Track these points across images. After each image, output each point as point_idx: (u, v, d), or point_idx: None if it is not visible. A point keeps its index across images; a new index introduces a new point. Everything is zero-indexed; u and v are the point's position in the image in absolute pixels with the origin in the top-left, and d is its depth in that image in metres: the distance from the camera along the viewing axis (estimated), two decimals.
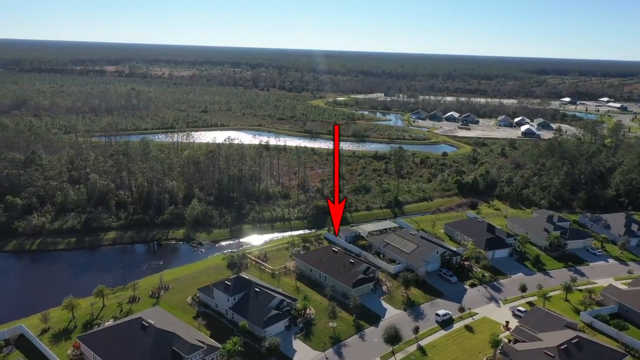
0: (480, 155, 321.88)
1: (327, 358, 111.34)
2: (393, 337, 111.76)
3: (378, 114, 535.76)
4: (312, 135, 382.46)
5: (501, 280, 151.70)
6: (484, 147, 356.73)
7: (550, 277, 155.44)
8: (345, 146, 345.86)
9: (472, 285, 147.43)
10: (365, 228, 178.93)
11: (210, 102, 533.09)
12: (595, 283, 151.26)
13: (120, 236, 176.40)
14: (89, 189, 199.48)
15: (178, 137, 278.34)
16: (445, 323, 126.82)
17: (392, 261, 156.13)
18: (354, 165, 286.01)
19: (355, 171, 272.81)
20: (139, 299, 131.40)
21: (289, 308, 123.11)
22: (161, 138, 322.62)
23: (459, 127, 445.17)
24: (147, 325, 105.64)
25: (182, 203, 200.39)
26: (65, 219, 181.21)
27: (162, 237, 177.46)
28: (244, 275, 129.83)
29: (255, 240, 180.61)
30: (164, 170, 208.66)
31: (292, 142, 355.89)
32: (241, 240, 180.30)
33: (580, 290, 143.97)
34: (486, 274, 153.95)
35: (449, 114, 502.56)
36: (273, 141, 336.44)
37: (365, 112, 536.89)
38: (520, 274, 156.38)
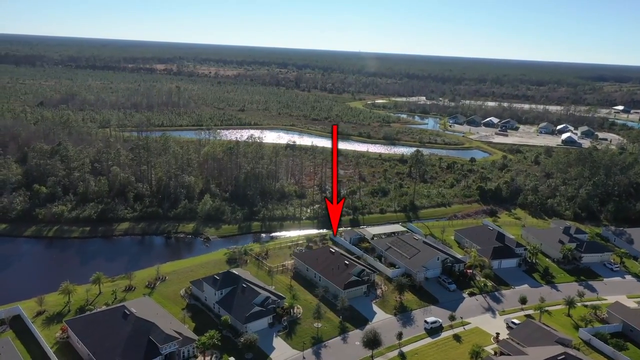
0: (512, 163, 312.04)
1: (304, 358, 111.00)
2: (372, 341, 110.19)
3: (416, 118, 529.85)
4: (342, 136, 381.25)
5: (503, 291, 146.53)
6: (518, 154, 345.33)
7: (558, 290, 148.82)
8: (374, 148, 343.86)
9: (471, 294, 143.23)
10: (371, 231, 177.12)
11: (249, 102, 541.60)
12: (606, 300, 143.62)
13: (132, 227, 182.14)
14: (110, 181, 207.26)
15: (205, 134, 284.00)
16: (434, 331, 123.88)
17: (392, 265, 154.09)
18: (377, 168, 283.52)
19: (377, 174, 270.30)
20: (134, 288, 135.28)
21: (274, 306, 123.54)
22: (190, 135, 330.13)
23: (496, 133, 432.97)
24: (128, 313, 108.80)
25: (198, 198, 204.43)
26: (84, 208, 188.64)
27: (172, 231, 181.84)
28: (234, 271, 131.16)
29: (261, 237, 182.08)
30: (181, 165, 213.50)
31: (321, 142, 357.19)
32: (248, 236, 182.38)
33: (586, 306, 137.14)
34: (489, 284, 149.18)
35: (488, 119, 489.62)
36: (301, 141, 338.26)
37: (403, 115, 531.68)
38: (526, 285, 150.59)
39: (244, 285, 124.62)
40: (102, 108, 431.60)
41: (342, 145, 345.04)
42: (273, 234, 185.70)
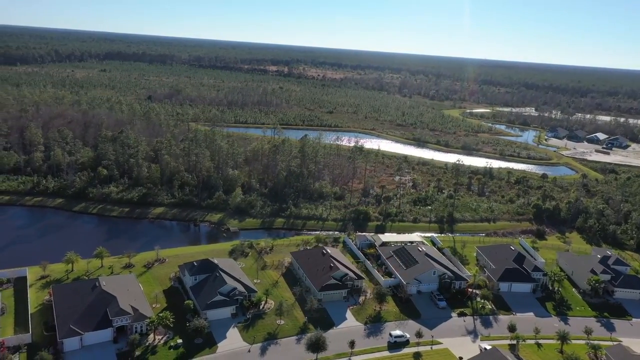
0: (599, 183, 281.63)
1: (249, 351, 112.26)
2: (314, 345, 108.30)
3: (516, 129, 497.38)
4: (419, 143, 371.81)
5: (501, 316, 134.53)
6: (610, 174, 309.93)
7: (567, 324, 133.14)
8: (447, 157, 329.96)
9: (461, 314, 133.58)
10: (382, 237, 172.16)
11: (341, 104, 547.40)
12: (620, 341, 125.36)
13: (165, 212, 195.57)
14: (162, 169, 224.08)
15: (270, 132, 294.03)
16: (397, 345, 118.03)
17: (389, 274, 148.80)
18: (437, 176, 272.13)
19: (432, 182, 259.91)
20: (134, 266, 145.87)
21: (240, 297, 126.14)
22: (256, 132, 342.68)
23: (596, 150, 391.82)
24: (97, 286, 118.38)
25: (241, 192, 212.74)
26: (131, 191, 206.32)
27: (199, 219, 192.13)
28: (214, 260, 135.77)
29: (278, 233, 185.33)
30: (225, 159, 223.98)
31: (395, 147, 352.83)
32: (268, 231, 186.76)
33: (588, 344, 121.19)
34: (487, 306, 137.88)
35: (593, 134, 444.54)
36: (370, 144, 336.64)
37: (501, 127, 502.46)
38: (531, 313, 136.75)
39: (217, 274, 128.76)
40: (200, 104, 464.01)
41: (411, 152, 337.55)
42: (294, 232, 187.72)
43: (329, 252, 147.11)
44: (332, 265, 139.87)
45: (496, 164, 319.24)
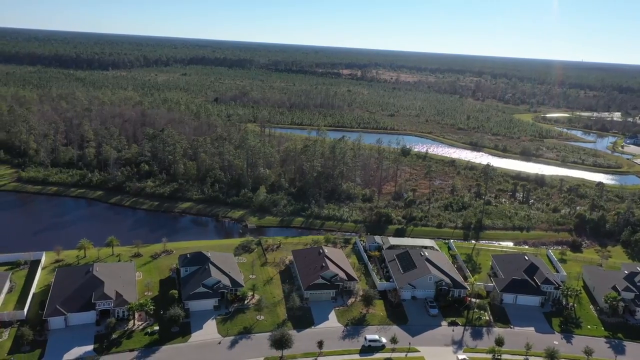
0: None
1: (219, 343, 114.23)
2: (278, 342, 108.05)
3: (593, 135, 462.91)
4: (475, 147, 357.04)
5: (496, 328, 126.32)
6: None
7: (568, 342, 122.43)
8: (501, 162, 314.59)
9: (452, 324, 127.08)
10: (391, 240, 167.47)
11: (406, 107, 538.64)
12: None
13: (191, 207, 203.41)
14: (199, 166, 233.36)
15: (313, 133, 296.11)
16: (370, 350, 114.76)
17: (389, 278, 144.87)
18: (480, 181, 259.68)
19: (472, 187, 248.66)
20: (141, 255, 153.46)
21: (224, 290, 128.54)
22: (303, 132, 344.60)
23: None
24: (89, 271, 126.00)
25: (269, 191, 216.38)
26: (164, 186, 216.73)
27: (220, 215, 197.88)
28: (205, 253, 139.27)
29: (293, 232, 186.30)
30: (255, 157, 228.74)
31: (448, 151, 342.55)
32: (285, 230, 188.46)
33: None
34: (484, 317, 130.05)
35: None
36: (420, 148, 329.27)
37: (576, 132, 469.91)
38: (532, 328, 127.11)
39: (206, 267, 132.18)
40: (263, 105, 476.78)
41: (464, 156, 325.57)
42: (314, 231, 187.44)
43: (325, 252, 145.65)
44: (323, 265, 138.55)
45: (555, 170, 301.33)
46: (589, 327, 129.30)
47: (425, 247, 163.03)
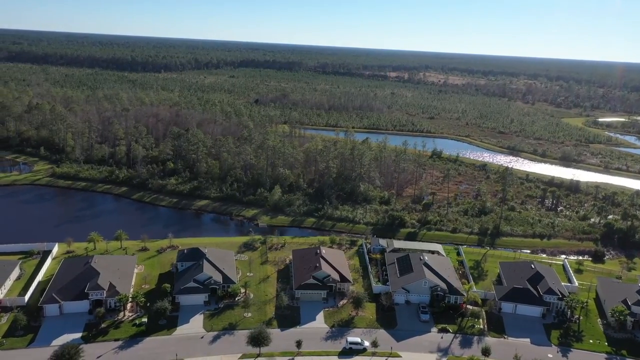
0: None
1: (202, 337, 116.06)
2: (255, 339, 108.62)
3: None
4: (512, 151, 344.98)
5: (488, 338, 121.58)
6: None
7: (565, 356, 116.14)
8: (538, 167, 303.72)
9: (442, 330, 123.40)
10: (397, 244, 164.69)
11: (447, 110, 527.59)
12: None
13: (206, 205, 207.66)
14: (221, 165, 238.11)
15: (342, 134, 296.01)
16: (350, 352, 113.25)
17: (386, 281, 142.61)
18: (510, 187, 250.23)
19: (497, 192, 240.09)
20: (148, 249, 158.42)
21: (215, 286, 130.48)
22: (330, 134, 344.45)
23: None
24: (88, 262, 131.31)
25: (287, 190, 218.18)
26: (185, 184, 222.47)
27: (235, 213, 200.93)
28: (202, 249, 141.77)
29: (304, 232, 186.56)
30: (273, 157, 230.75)
31: (482, 155, 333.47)
32: (295, 230, 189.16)
33: None
34: (477, 325, 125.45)
35: None
36: (453, 151, 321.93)
37: (629, 137, 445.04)
38: (528, 340, 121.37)
39: (200, 263, 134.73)
40: (301, 107, 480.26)
41: (498, 160, 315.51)
42: (324, 232, 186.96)
43: (323, 252, 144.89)
44: (317, 265, 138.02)
45: (595, 177, 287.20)
46: (590, 341, 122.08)
47: (432, 252, 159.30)
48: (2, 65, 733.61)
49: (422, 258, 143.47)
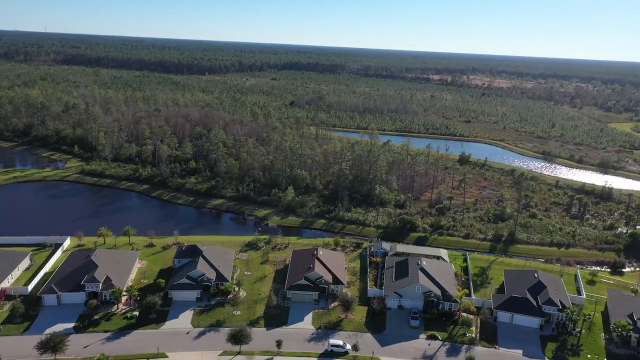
0: None
1: (187, 333, 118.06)
2: (235, 337, 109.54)
3: None
4: (547, 157, 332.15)
5: (478, 347, 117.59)
6: None
7: None
8: (573, 174, 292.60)
9: (430, 337, 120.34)
10: (399, 248, 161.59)
11: (486, 113, 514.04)
12: None
13: (221, 204, 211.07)
14: (241, 165, 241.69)
15: (366, 136, 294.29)
16: (331, 354, 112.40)
17: (382, 285, 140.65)
18: (536, 194, 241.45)
19: (520, 198, 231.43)
20: (154, 246, 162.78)
21: (207, 283, 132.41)
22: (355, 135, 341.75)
23: None
24: (89, 255, 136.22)
25: (302, 192, 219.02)
26: (203, 183, 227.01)
27: (247, 213, 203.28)
28: (200, 246, 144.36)
29: (313, 233, 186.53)
30: (290, 159, 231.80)
31: (515, 160, 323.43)
32: (305, 230, 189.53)
33: None
34: (468, 334, 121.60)
35: None
36: (484, 156, 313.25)
37: None
38: (520, 351, 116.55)
39: (195, 260, 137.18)
40: (336, 109, 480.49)
41: (530, 166, 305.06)
42: (333, 233, 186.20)
43: (319, 253, 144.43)
44: (310, 266, 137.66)
45: (634, 185, 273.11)
46: (588, 356, 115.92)
47: (434, 257, 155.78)
48: (58, 67, 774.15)
49: (419, 263, 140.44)
